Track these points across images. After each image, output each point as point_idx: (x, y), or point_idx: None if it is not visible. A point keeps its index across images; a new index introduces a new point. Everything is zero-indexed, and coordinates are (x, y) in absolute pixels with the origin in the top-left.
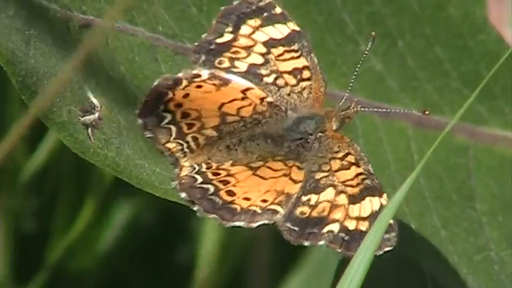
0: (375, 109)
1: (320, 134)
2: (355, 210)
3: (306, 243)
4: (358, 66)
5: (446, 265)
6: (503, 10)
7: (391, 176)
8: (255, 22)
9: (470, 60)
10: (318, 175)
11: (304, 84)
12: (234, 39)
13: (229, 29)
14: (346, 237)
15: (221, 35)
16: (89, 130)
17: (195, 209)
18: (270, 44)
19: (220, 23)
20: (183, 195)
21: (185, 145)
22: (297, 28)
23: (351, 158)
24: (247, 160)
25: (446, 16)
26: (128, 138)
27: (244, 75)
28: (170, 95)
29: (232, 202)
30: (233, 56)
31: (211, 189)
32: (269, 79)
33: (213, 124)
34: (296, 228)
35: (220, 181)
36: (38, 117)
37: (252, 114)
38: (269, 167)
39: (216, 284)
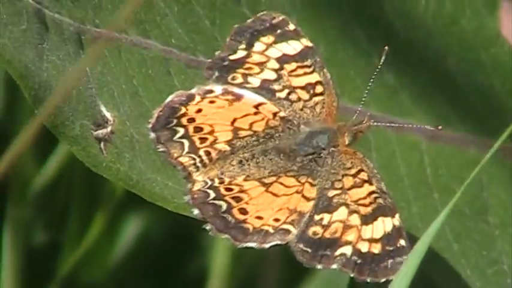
0: (388, 124)
1: (333, 148)
2: (367, 231)
3: (319, 266)
4: (372, 80)
5: (459, 279)
6: None
7: (404, 191)
8: (268, 39)
9: (483, 73)
10: (331, 193)
11: (317, 99)
12: (248, 56)
13: (243, 46)
14: (358, 261)
15: (235, 52)
16: (102, 144)
17: (207, 228)
18: (283, 60)
19: (234, 40)
20: (196, 212)
21: (198, 159)
22: (310, 44)
23: (363, 175)
24: (260, 175)
25: (459, 30)
26: (140, 152)
27: (257, 90)
28: (183, 110)
29: (244, 221)
30: (246, 72)
31: (224, 206)
32: (282, 94)
33: (226, 139)
34: (309, 250)
35: (232, 197)
36: (43, 126)
37: (264, 128)
38: (282, 183)
39: None
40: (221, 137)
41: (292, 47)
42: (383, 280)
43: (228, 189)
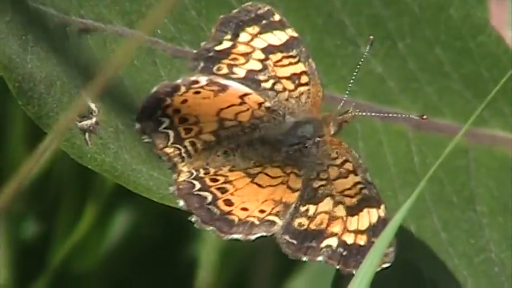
0: (373, 113)
1: (318, 138)
2: (353, 222)
3: (304, 258)
4: (357, 69)
5: (446, 267)
6: (504, 12)
7: (391, 179)
8: (253, 29)
9: (470, 61)
10: (316, 183)
11: (302, 89)
12: (233, 47)
13: (228, 36)
14: (344, 253)
15: (220, 43)
16: (86, 135)
17: (193, 219)
18: (269, 50)
19: (219, 31)
20: (181, 203)
21: (183, 150)
22: (295, 34)
23: (348, 166)
24: (245, 166)
25: (446, 18)
26: (125, 143)
27: (243, 81)
28: (168, 100)
29: (229, 213)
30: (232, 62)
31: (209, 197)
32: (267, 84)
33: (211, 129)
34: (294, 242)
35: (218, 188)
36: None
37: (249, 119)
38: (267, 174)
39: (221, 285)
40: (206, 127)
41: (278, 37)
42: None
43: (213, 180)
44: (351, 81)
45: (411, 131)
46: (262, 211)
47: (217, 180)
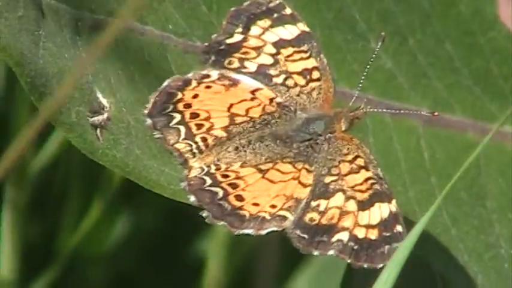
0: (385, 109)
1: (329, 135)
2: (364, 217)
3: (316, 253)
4: (369, 65)
5: (456, 263)
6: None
7: (401, 174)
8: (264, 23)
9: (480, 57)
10: (327, 179)
11: (313, 84)
12: (244, 40)
13: (239, 29)
14: (355, 247)
15: (231, 36)
16: (98, 131)
17: (204, 215)
18: (280, 44)
19: (230, 23)
20: (192, 198)
21: (194, 146)
22: (307, 29)
23: (360, 161)
24: (257, 162)
25: (456, 13)
26: (136, 138)
27: (254, 75)
28: (179, 95)
29: (241, 208)
30: (243, 56)
31: (220, 193)
32: (278, 80)
33: (222, 125)
34: (306, 236)
35: (229, 184)
36: (47, 120)
37: (261, 114)
38: (278, 170)
39: (224, 283)
40: (217, 123)
41: (289, 31)
42: (380, 266)
43: (225, 176)
44: (362, 77)
45: (421, 126)
46: (273, 206)
47: (228, 176)
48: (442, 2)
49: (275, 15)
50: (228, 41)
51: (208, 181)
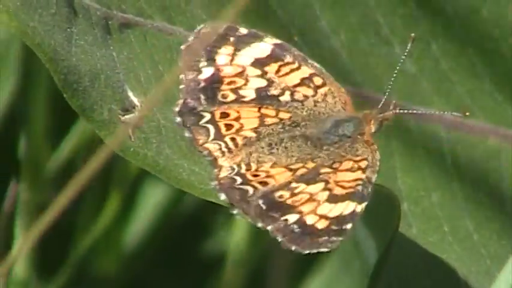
0: (412, 111)
1: (358, 136)
2: (325, 208)
3: (259, 224)
4: (397, 69)
5: (479, 268)
6: None
7: (423, 179)
8: (227, 49)
9: (502, 63)
10: (324, 169)
11: (322, 90)
12: (219, 71)
13: (204, 63)
14: (296, 230)
15: (199, 72)
16: (129, 129)
17: (234, 212)
18: (260, 63)
19: (189, 61)
20: (223, 196)
21: (223, 145)
22: (277, 41)
23: (363, 164)
24: (287, 162)
25: (479, 19)
26: (167, 137)
27: (259, 101)
28: None
29: None
30: (232, 86)
31: (251, 191)
32: (285, 97)
33: (252, 126)
34: (264, 207)
35: (259, 182)
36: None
37: (290, 116)
38: (307, 168)
39: (240, 284)
40: (247, 124)
41: (260, 49)
42: (306, 252)
43: (255, 176)
44: (390, 81)
45: (444, 131)
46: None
47: (258, 176)
48: (464, 7)
49: (231, 39)
50: (201, 77)
51: (239, 180)
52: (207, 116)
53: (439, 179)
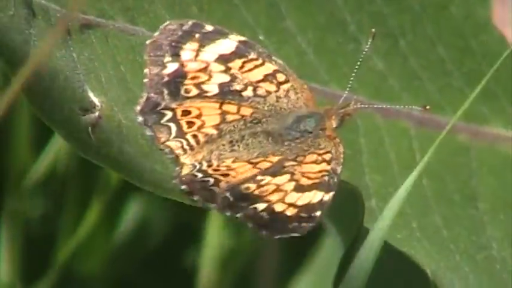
0: (375, 106)
1: (320, 132)
2: (293, 197)
3: (227, 213)
4: (358, 63)
5: (448, 264)
6: (506, 10)
7: (393, 176)
8: (191, 45)
9: (472, 60)
10: (288, 163)
11: (285, 87)
12: (183, 66)
13: (168, 58)
14: (266, 217)
15: (164, 67)
16: (90, 129)
17: (195, 198)
18: (224, 59)
19: (153, 56)
20: (183, 186)
21: (185, 143)
22: (242, 38)
23: (327, 156)
24: (249, 158)
25: (448, 16)
26: (128, 137)
27: (221, 96)
28: None
29: None
30: (195, 81)
31: (212, 181)
32: (248, 92)
33: (214, 123)
34: (231, 198)
35: (221, 174)
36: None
37: (252, 113)
38: (269, 161)
39: (227, 286)
40: (209, 121)
41: (225, 46)
42: (277, 237)
43: (216, 170)
44: (352, 76)
45: (413, 128)
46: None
47: (219, 170)
48: (433, 4)
49: (197, 35)
50: (165, 71)
51: (200, 175)
52: (169, 114)
53: (408, 176)
